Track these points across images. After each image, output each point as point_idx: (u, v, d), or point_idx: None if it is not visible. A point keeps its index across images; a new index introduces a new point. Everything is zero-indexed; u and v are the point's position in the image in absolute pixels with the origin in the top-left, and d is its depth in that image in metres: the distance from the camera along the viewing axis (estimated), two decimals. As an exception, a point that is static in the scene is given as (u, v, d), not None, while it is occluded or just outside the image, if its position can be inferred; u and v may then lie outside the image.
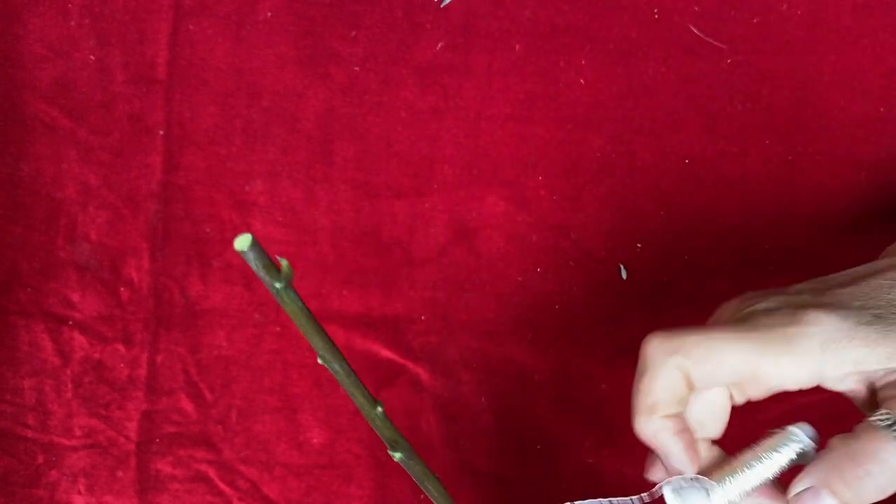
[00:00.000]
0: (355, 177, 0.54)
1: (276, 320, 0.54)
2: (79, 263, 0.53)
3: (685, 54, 0.53)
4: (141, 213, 0.54)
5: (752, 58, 0.54)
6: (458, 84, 0.54)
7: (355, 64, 0.54)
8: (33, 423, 0.54)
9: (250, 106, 0.54)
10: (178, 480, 0.54)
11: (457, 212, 0.54)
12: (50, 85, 0.53)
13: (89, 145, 0.53)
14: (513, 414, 0.54)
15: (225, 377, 0.54)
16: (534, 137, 0.54)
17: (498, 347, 0.54)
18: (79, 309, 0.53)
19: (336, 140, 0.54)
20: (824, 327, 0.39)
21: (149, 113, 0.54)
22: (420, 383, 0.54)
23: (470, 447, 0.54)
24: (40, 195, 0.54)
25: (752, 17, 0.54)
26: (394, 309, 0.54)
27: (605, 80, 0.54)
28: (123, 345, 0.54)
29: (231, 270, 0.54)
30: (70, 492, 0.53)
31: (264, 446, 0.54)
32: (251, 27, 0.54)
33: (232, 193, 0.54)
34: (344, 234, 0.54)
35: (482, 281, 0.54)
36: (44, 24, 0.53)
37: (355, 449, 0.54)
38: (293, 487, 0.54)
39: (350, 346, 0.54)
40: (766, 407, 0.53)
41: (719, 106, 0.54)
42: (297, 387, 0.54)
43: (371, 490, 0.54)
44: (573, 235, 0.54)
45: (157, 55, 0.53)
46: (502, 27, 0.54)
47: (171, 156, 0.54)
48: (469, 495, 0.54)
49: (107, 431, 0.54)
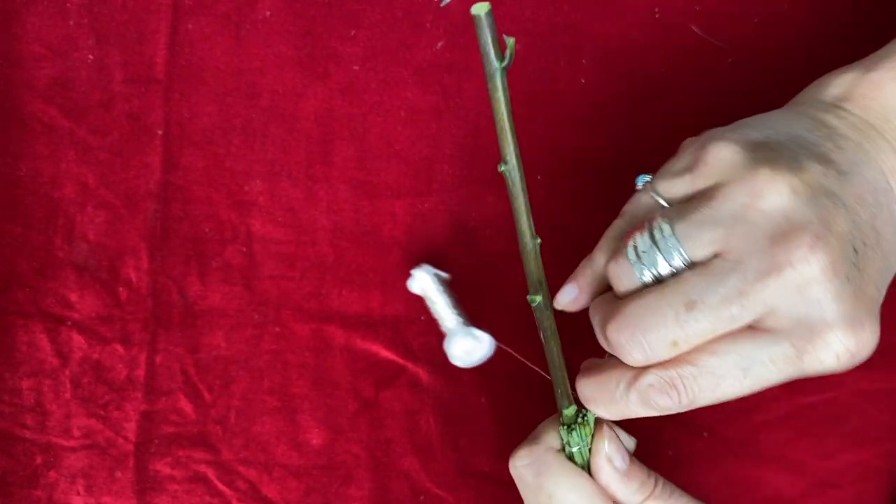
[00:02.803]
0: (355, 177, 0.54)
1: (275, 320, 0.54)
2: (77, 263, 0.53)
3: (685, 54, 0.53)
4: (139, 213, 0.53)
5: (752, 58, 0.54)
6: (458, 84, 0.54)
7: (355, 64, 0.54)
8: (32, 424, 0.53)
9: (249, 106, 0.54)
10: (176, 481, 0.54)
11: (457, 212, 0.54)
12: (48, 84, 0.53)
13: (88, 145, 0.53)
14: (513, 414, 0.54)
15: (224, 377, 0.54)
16: (534, 137, 0.54)
17: (498, 347, 0.54)
18: (77, 309, 0.53)
19: (336, 140, 0.54)
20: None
21: (147, 112, 0.53)
22: (420, 383, 0.54)
23: (470, 447, 0.54)
24: (38, 195, 0.53)
25: (753, 17, 0.54)
26: (394, 309, 0.54)
27: (605, 80, 0.54)
28: (122, 345, 0.53)
29: (230, 270, 0.54)
30: (69, 492, 0.53)
31: (263, 447, 0.54)
32: (250, 27, 0.54)
33: (231, 193, 0.54)
34: (344, 234, 0.54)
35: (482, 281, 0.54)
36: (42, 23, 0.53)
37: (355, 449, 0.54)
38: (292, 488, 0.54)
39: (350, 346, 0.54)
40: (768, 408, 0.53)
41: (719, 106, 0.54)
42: (296, 387, 0.54)
43: (371, 490, 0.54)
44: (573, 235, 0.54)
45: (155, 55, 0.53)
46: (502, 27, 0.54)
47: (170, 155, 0.53)
48: (469, 495, 0.54)
49: (105, 432, 0.53)
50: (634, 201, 0.43)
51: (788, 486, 0.54)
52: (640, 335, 0.38)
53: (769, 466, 0.54)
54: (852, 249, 0.37)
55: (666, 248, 0.39)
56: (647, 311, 0.38)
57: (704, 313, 0.37)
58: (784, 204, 0.37)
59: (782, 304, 0.37)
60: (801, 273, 0.36)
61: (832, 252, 0.37)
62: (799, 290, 0.37)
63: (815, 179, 0.38)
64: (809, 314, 0.37)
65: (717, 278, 0.37)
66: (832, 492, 0.54)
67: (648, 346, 0.38)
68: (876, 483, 0.54)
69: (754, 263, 0.37)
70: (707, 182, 0.39)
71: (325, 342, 0.54)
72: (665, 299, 0.38)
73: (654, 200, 0.41)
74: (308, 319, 0.54)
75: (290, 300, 0.54)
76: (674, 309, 0.38)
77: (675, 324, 0.38)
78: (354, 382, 0.54)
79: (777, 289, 0.37)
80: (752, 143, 0.39)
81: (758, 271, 0.37)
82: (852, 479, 0.53)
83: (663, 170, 0.42)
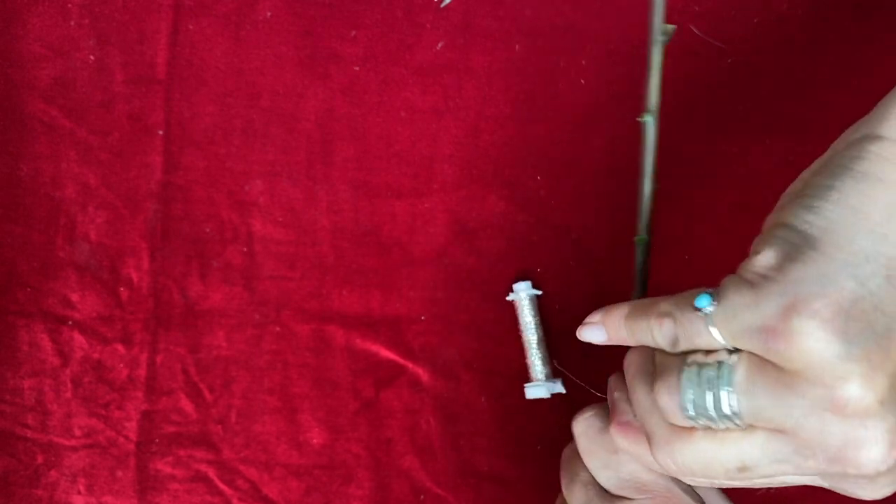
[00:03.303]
0: (355, 177, 0.54)
1: (276, 320, 0.54)
2: (78, 263, 0.53)
3: (685, 54, 0.53)
4: (140, 213, 0.54)
5: (752, 58, 0.54)
6: (458, 84, 0.54)
7: (355, 64, 0.54)
8: (33, 423, 0.53)
9: (250, 106, 0.54)
10: (177, 480, 0.54)
11: (457, 212, 0.54)
12: (49, 84, 0.53)
13: (89, 145, 0.53)
14: (513, 414, 0.54)
15: (225, 377, 0.54)
16: (534, 137, 0.54)
17: (498, 347, 0.54)
18: (78, 309, 0.53)
19: (336, 140, 0.54)
20: None
21: (148, 113, 0.53)
22: (420, 383, 0.54)
23: (470, 447, 0.54)
24: (39, 195, 0.54)
25: (752, 17, 0.54)
26: (394, 309, 0.54)
27: (605, 80, 0.54)
28: (123, 345, 0.54)
29: (231, 270, 0.54)
30: (70, 492, 0.53)
31: (264, 446, 0.54)
32: (251, 27, 0.54)
33: (231, 193, 0.54)
34: (344, 234, 0.54)
35: (482, 281, 0.54)
36: (43, 23, 0.53)
37: (355, 449, 0.54)
38: (293, 488, 0.54)
39: (350, 346, 0.54)
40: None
41: (719, 106, 0.54)
42: (297, 387, 0.54)
43: (371, 490, 0.54)
44: (573, 235, 0.54)
45: (156, 55, 0.53)
46: (502, 27, 0.54)
47: (171, 156, 0.54)
48: (469, 495, 0.54)
49: (106, 431, 0.54)
50: (687, 321, 0.37)
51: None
52: (689, 475, 0.37)
53: (769, 466, 0.54)
54: None
55: (722, 417, 0.35)
56: (696, 460, 0.36)
57: (756, 473, 0.36)
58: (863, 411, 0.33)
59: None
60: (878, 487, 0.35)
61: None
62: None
63: None
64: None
65: (775, 455, 0.35)
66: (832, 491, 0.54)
67: (695, 480, 0.38)
68: (876, 483, 0.54)
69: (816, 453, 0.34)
70: (783, 362, 0.34)
71: (325, 342, 0.54)
72: (718, 459, 0.36)
73: (713, 339, 0.36)
74: (308, 319, 0.54)
75: (290, 300, 0.54)
76: (725, 468, 0.36)
77: (724, 477, 0.36)
78: (355, 382, 0.54)
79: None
80: (843, 321, 0.33)
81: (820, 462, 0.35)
82: (852, 479, 0.53)
83: (729, 301, 0.35)
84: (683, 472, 0.37)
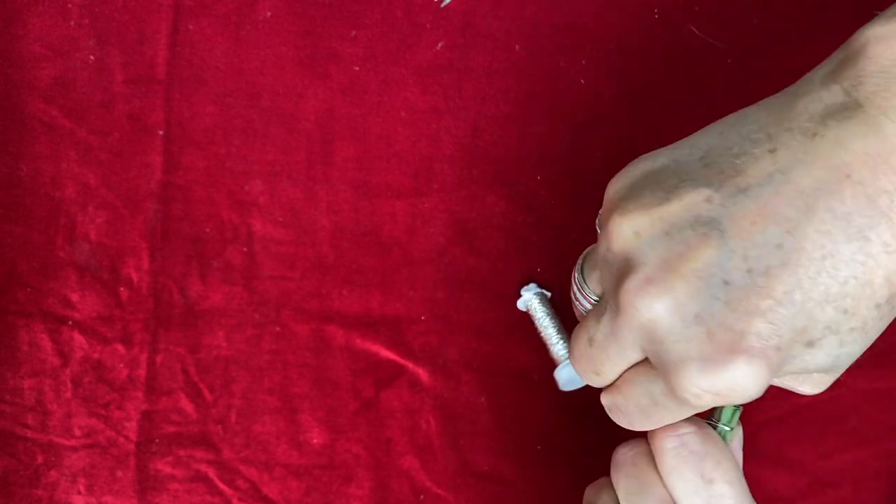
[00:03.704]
0: (355, 177, 0.54)
1: (276, 320, 0.54)
2: (78, 263, 0.53)
3: (685, 54, 0.53)
4: (140, 213, 0.54)
5: (752, 58, 0.54)
6: (458, 84, 0.54)
7: (355, 64, 0.54)
8: (33, 424, 0.53)
9: (250, 106, 0.54)
10: (177, 480, 0.54)
11: (457, 212, 0.54)
12: (49, 84, 0.53)
13: (89, 145, 0.53)
14: (513, 414, 0.54)
15: (225, 377, 0.54)
16: (534, 137, 0.54)
17: (498, 347, 0.54)
18: (78, 309, 0.53)
19: (336, 140, 0.54)
20: None
21: (148, 113, 0.54)
22: (420, 383, 0.54)
23: (470, 447, 0.54)
24: (39, 195, 0.54)
25: (752, 17, 0.54)
26: (394, 309, 0.54)
27: (605, 80, 0.54)
28: (123, 345, 0.54)
29: (231, 270, 0.54)
30: (70, 492, 0.53)
31: (264, 446, 0.54)
32: (251, 27, 0.54)
33: (231, 193, 0.54)
34: (344, 234, 0.54)
35: (482, 281, 0.54)
36: (43, 23, 0.53)
37: (355, 449, 0.54)
38: (293, 488, 0.54)
39: (350, 346, 0.54)
40: (767, 407, 0.54)
41: (719, 106, 0.54)
42: (297, 387, 0.54)
43: (371, 490, 0.54)
44: (573, 235, 0.54)
45: (156, 55, 0.53)
46: (502, 27, 0.54)
47: (171, 156, 0.54)
48: (469, 495, 0.54)
49: (106, 431, 0.54)
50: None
51: (788, 485, 0.54)
52: (573, 362, 0.42)
53: (768, 466, 0.54)
54: (719, 283, 0.35)
55: (580, 286, 0.42)
56: (573, 343, 0.41)
57: (597, 349, 0.39)
58: (624, 247, 0.37)
59: (642, 344, 0.37)
60: (642, 314, 0.36)
61: (673, 293, 0.35)
62: (646, 330, 0.36)
63: (680, 212, 0.36)
64: (659, 354, 0.36)
65: (597, 318, 0.39)
66: (831, 491, 0.54)
67: (582, 372, 0.41)
68: (875, 483, 0.54)
69: (611, 304, 0.38)
70: (599, 221, 0.41)
71: (325, 342, 0.54)
72: (577, 334, 0.41)
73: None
74: (308, 319, 0.54)
75: (290, 300, 0.54)
76: (581, 343, 0.40)
77: (585, 356, 0.40)
78: (354, 382, 0.54)
79: (631, 330, 0.37)
80: (639, 177, 0.38)
81: (613, 313, 0.38)
82: (851, 479, 0.54)
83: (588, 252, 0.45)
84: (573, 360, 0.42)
